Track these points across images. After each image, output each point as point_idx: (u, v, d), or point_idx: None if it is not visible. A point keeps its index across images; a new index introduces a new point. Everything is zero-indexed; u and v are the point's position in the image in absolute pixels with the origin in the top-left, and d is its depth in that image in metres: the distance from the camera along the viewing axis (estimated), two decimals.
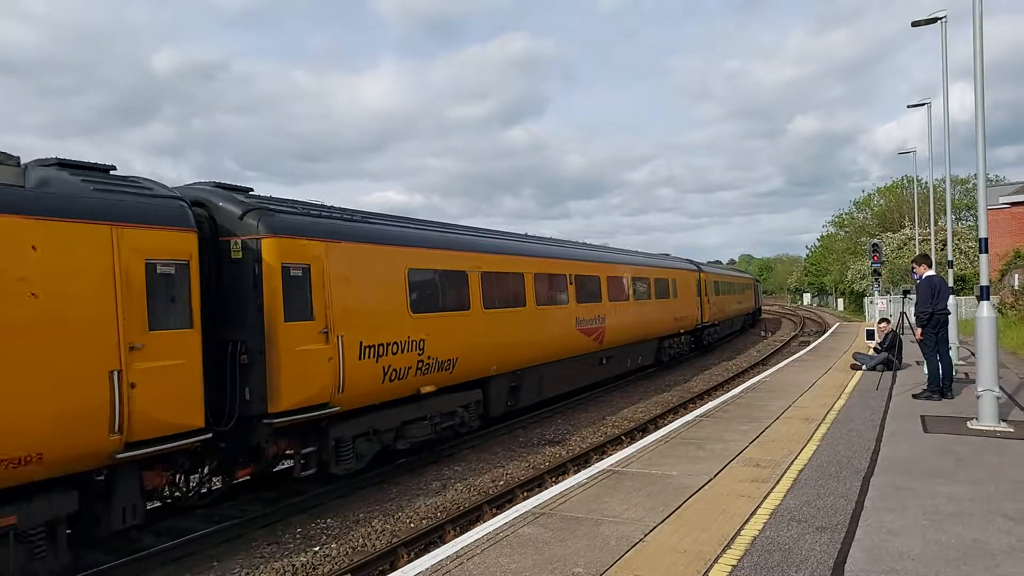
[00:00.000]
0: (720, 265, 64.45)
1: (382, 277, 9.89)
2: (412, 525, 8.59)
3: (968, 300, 30.35)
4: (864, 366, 15.45)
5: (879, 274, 22.59)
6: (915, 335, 11.69)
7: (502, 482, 10.38)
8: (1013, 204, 38.42)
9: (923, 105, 19.69)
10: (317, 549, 7.83)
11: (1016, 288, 27.86)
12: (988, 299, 8.94)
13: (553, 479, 10.31)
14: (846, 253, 59.82)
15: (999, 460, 7.32)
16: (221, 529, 8.18)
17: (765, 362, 24.46)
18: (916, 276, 11.53)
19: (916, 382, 12.64)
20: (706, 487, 6.79)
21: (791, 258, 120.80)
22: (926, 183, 30.35)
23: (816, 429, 9.27)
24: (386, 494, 9.88)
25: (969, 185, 53.83)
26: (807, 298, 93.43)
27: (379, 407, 9.87)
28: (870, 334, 17.02)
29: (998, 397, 8.96)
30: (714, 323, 29.87)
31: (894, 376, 13.82)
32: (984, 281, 9.02)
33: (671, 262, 25.99)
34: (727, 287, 34.34)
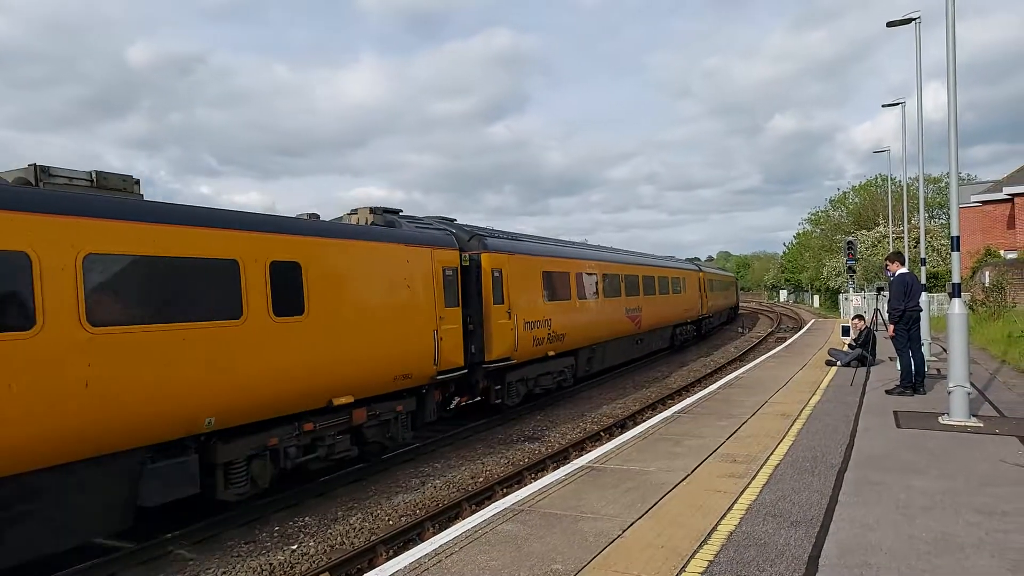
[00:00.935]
0: (712, 264, 67.33)
1: (532, 277, 15.00)
2: (391, 522, 8.56)
3: (940, 297, 30.79)
4: (839, 362, 15.66)
5: (854, 271, 22.89)
6: (887, 331, 11.86)
7: (481, 479, 10.39)
8: (984, 202, 39.18)
9: (897, 105, 19.90)
10: (295, 547, 7.78)
11: (987, 285, 28.34)
12: (960, 296, 9.06)
13: (532, 476, 10.33)
14: (822, 250, 60.24)
15: (969, 455, 7.46)
16: (197, 529, 8.09)
17: (742, 358, 24.69)
18: (889, 273, 11.65)
19: (890, 378, 12.81)
20: (683, 483, 6.84)
21: (768, 255, 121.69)
22: (900, 182, 30.73)
23: (792, 425, 9.38)
24: (365, 491, 9.83)
25: (942, 184, 54.57)
26: (784, 295, 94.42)
27: (528, 363, 14.70)
28: (846, 330, 17.25)
29: (969, 393, 9.11)
30: (710, 315, 34.88)
31: (868, 372, 14.01)
32: (956, 278, 9.12)
33: (680, 264, 31.54)
34: (718, 284, 39.64)
